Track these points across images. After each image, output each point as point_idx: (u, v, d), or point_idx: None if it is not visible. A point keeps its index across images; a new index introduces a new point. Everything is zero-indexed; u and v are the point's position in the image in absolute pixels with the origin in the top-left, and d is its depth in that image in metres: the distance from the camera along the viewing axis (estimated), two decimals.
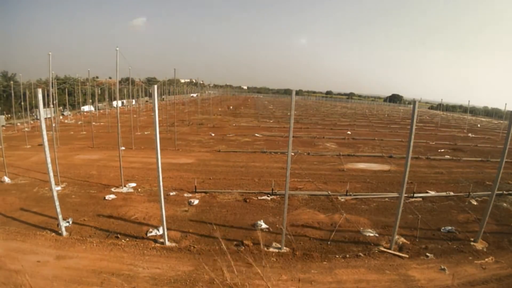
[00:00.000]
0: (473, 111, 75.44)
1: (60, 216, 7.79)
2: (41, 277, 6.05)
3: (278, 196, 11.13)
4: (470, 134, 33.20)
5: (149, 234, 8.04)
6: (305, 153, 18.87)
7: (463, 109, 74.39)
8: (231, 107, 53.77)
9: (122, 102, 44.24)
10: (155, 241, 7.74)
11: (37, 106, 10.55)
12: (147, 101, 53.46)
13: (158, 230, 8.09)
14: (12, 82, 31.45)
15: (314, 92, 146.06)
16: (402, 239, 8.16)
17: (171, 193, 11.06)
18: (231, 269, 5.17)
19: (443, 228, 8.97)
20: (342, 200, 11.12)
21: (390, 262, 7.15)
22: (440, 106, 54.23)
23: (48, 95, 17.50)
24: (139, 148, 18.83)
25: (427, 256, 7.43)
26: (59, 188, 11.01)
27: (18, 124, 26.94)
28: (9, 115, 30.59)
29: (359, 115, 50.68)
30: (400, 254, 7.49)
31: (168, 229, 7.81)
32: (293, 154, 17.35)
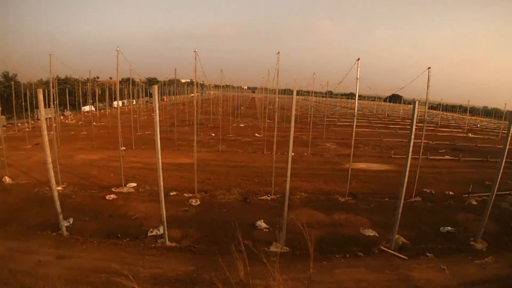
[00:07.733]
0: (473, 111, 75.26)
1: (60, 216, 7.81)
2: (42, 277, 6.06)
3: (278, 195, 11.14)
4: (470, 134, 33.21)
5: (149, 234, 8.06)
6: (305, 153, 18.89)
7: (463, 109, 74.24)
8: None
9: (123, 102, 44.24)
10: (156, 240, 7.76)
11: (37, 106, 10.57)
12: (147, 101, 53.49)
13: (159, 230, 8.12)
14: (13, 82, 31.49)
15: (314, 92, 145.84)
16: (402, 239, 8.18)
17: (172, 193, 11.09)
18: (232, 269, 5.18)
19: (443, 228, 8.99)
20: (342, 199, 11.13)
21: (390, 262, 7.17)
22: (440, 106, 54.14)
23: (48, 95, 17.57)
24: (140, 148, 18.85)
25: (427, 256, 7.44)
26: (59, 188, 11.03)
27: (19, 124, 26.97)
28: (9, 115, 30.63)
29: (359, 115, 50.62)
30: (400, 254, 7.51)
31: (168, 229, 7.82)
32: (293, 154, 17.35)
